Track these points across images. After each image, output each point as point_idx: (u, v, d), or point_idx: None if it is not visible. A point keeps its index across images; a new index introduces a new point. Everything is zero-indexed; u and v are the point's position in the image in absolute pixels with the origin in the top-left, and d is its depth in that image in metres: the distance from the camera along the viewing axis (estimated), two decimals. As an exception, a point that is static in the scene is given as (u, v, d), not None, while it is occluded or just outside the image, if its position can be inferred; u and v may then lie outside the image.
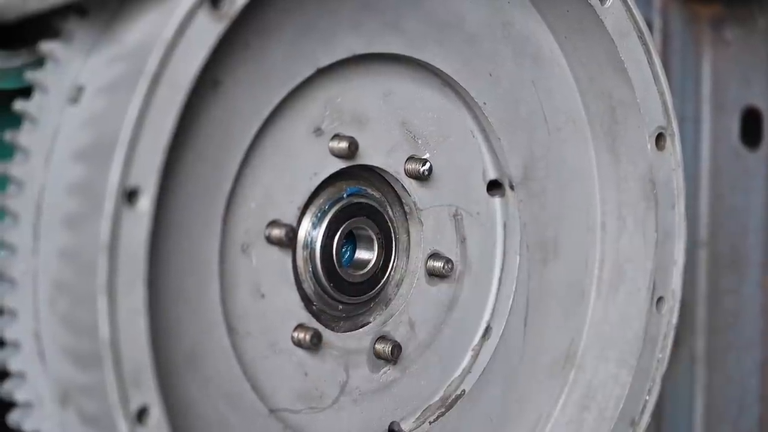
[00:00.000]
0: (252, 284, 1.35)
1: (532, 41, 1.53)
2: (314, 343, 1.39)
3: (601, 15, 1.49)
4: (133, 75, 1.16)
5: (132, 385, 1.16)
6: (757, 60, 2.40)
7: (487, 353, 1.55)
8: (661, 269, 1.58)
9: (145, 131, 1.15)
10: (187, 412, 1.27)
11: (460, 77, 1.47)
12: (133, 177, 1.15)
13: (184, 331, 1.27)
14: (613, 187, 1.59)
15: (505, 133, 1.52)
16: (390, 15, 1.40)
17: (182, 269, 1.27)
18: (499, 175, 1.55)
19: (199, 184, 1.28)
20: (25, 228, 1.21)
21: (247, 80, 1.29)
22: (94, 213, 1.14)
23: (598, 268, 1.61)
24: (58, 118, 1.22)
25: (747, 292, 2.42)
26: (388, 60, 1.43)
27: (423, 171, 1.47)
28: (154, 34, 1.17)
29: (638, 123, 1.55)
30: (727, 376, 2.43)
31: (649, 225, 1.57)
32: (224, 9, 1.20)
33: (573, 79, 1.57)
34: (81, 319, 1.16)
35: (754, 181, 2.41)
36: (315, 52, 1.35)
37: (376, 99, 1.43)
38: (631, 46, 1.52)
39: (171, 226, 1.25)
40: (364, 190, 1.46)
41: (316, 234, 1.41)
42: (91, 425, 1.18)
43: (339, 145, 1.40)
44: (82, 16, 1.24)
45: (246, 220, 1.34)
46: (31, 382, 1.22)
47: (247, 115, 1.31)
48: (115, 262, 1.14)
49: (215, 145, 1.28)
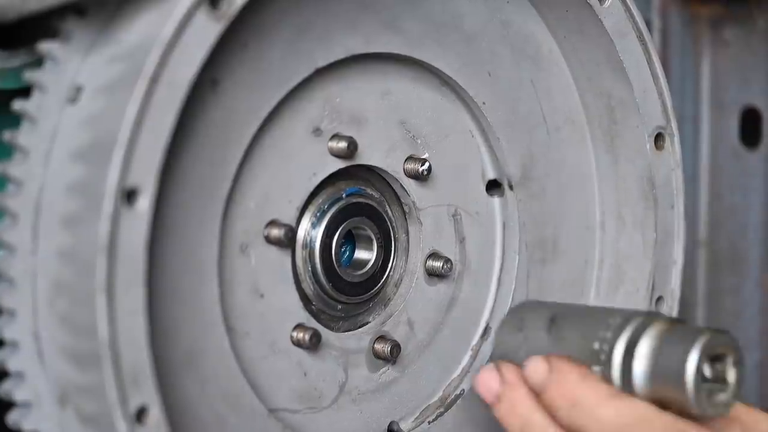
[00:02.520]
0: (251, 284, 1.35)
1: (531, 41, 1.53)
2: (313, 343, 1.39)
3: (600, 15, 1.49)
4: (131, 75, 1.16)
5: (131, 385, 1.16)
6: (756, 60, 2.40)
7: (487, 353, 1.55)
8: (661, 269, 1.58)
9: (144, 131, 1.15)
10: (186, 411, 1.27)
11: (458, 77, 1.47)
12: (132, 177, 1.15)
13: (183, 331, 1.27)
14: (612, 187, 1.59)
15: (504, 133, 1.52)
16: (388, 14, 1.40)
17: (181, 269, 1.27)
18: (498, 175, 1.55)
19: (198, 184, 1.28)
20: (24, 228, 1.21)
21: (245, 80, 1.29)
22: (93, 213, 1.14)
23: (598, 268, 1.61)
24: (57, 117, 1.22)
25: (746, 292, 2.42)
26: (387, 60, 1.43)
27: (422, 171, 1.47)
28: (153, 34, 1.17)
29: (637, 123, 1.55)
30: (727, 375, 2.43)
31: (648, 225, 1.57)
32: (223, 9, 1.20)
33: (572, 78, 1.57)
34: (80, 319, 1.16)
35: (754, 180, 2.41)
36: (313, 52, 1.35)
37: (374, 99, 1.43)
38: (630, 46, 1.52)
39: (170, 226, 1.25)
40: (363, 190, 1.46)
41: (315, 234, 1.41)
42: (90, 425, 1.18)
43: (338, 145, 1.40)
44: (80, 16, 1.23)
45: (245, 219, 1.34)
46: (30, 381, 1.22)
47: (246, 115, 1.31)
48: (114, 262, 1.14)
49: (214, 145, 1.28)
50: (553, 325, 1.34)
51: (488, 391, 1.32)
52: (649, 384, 1.25)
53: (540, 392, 1.28)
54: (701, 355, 1.22)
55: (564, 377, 1.27)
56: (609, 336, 1.28)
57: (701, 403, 1.23)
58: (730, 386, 1.25)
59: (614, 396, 1.25)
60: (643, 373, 1.25)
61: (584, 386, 1.26)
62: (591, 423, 1.24)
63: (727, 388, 1.25)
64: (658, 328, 1.26)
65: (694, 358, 1.22)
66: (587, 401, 1.25)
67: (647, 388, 1.26)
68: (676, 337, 1.25)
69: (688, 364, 1.22)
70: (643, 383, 1.26)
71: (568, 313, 1.36)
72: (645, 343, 1.26)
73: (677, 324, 1.28)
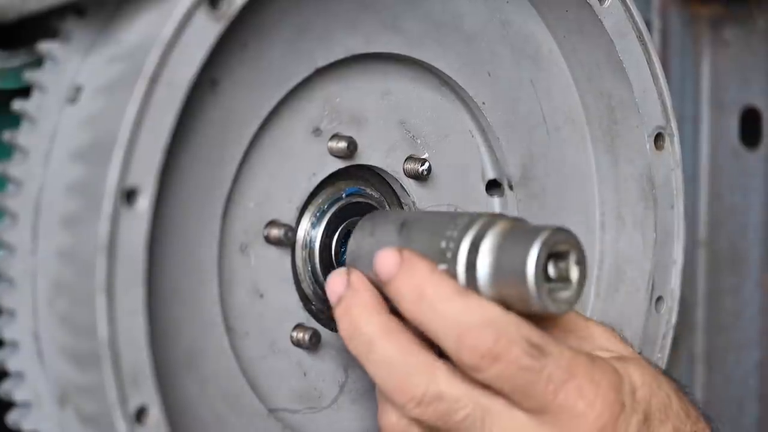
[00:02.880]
0: (251, 284, 1.35)
1: (530, 41, 1.53)
2: (313, 343, 1.39)
3: (600, 15, 1.49)
4: (131, 75, 1.16)
5: (130, 385, 1.16)
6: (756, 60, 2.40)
7: (486, 353, 1.55)
8: (660, 269, 1.58)
9: (144, 131, 1.15)
10: (186, 411, 1.27)
11: (458, 77, 1.47)
12: (132, 177, 1.15)
13: (183, 330, 1.27)
14: (612, 187, 1.59)
15: (503, 133, 1.52)
16: (388, 14, 1.40)
17: (181, 269, 1.27)
18: (498, 175, 1.55)
19: (198, 184, 1.28)
20: (23, 228, 1.21)
21: (245, 80, 1.29)
22: (93, 213, 1.14)
23: (597, 268, 1.61)
24: (57, 118, 1.22)
25: (746, 292, 2.42)
26: (387, 60, 1.43)
27: (422, 171, 1.47)
28: (153, 34, 1.17)
29: (637, 123, 1.55)
30: (727, 375, 2.43)
31: (648, 225, 1.57)
32: (223, 9, 1.20)
33: (572, 78, 1.57)
34: (80, 319, 1.16)
35: (754, 180, 2.41)
36: (313, 51, 1.35)
37: (374, 99, 1.43)
38: (630, 46, 1.52)
39: (170, 226, 1.25)
40: (363, 189, 1.46)
41: (315, 234, 1.41)
42: (89, 425, 1.18)
43: (338, 145, 1.40)
44: (80, 16, 1.23)
45: (245, 220, 1.34)
46: (30, 381, 1.22)
47: (246, 115, 1.31)
48: (114, 262, 1.14)
49: (214, 145, 1.28)
50: (403, 228, 1.34)
51: (333, 293, 1.33)
52: (493, 281, 1.25)
53: (387, 282, 1.28)
54: (542, 248, 1.22)
55: (413, 269, 1.26)
56: (455, 234, 1.28)
57: (543, 298, 1.23)
58: (573, 284, 1.26)
59: (461, 293, 1.25)
60: (486, 271, 1.25)
61: (432, 280, 1.25)
62: (435, 318, 1.24)
63: (570, 286, 1.26)
64: (502, 227, 1.26)
65: (534, 253, 1.22)
66: (433, 295, 1.25)
67: (491, 285, 1.25)
68: (519, 235, 1.25)
69: (529, 259, 1.22)
70: (486, 280, 1.25)
71: (419, 217, 1.37)
72: (488, 240, 1.26)
73: (521, 222, 1.28)
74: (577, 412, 1.24)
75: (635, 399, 1.27)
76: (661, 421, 1.29)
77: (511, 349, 1.22)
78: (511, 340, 1.22)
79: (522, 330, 1.23)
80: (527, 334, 1.23)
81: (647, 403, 1.28)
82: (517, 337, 1.22)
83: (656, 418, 1.29)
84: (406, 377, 1.26)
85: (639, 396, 1.28)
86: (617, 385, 1.26)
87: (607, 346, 1.35)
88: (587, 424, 1.24)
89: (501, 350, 1.22)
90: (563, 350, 1.25)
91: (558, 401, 1.23)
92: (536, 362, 1.23)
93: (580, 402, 1.24)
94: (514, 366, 1.22)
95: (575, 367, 1.24)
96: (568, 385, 1.24)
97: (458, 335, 1.23)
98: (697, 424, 1.32)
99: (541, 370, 1.23)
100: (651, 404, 1.28)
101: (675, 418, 1.30)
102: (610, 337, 1.36)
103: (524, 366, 1.22)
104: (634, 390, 1.28)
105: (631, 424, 1.26)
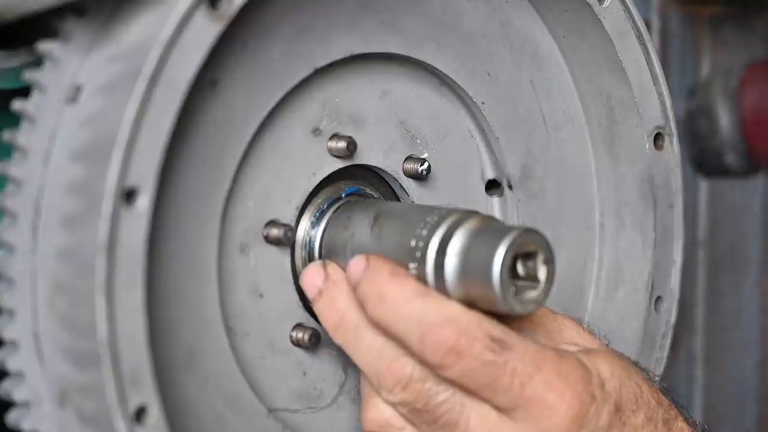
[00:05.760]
0: (250, 284, 1.35)
1: (530, 41, 1.53)
2: (313, 343, 1.39)
3: (600, 15, 1.49)
4: (131, 75, 1.16)
5: (130, 385, 1.16)
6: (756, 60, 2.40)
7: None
8: (660, 269, 1.58)
9: (143, 131, 1.15)
10: (186, 411, 1.27)
11: (458, 76, 1.47)
12: (132, 177, 1.15)
13: (183, 330, 1.28)
14: (612, 187, 1.59)
15: (503, 133, 1.52)
16: (387, 14, 1.40)
17: (180, 269, 1.27)
18: (498, 175, 1.55)
19: (198, 184, 1.28)
20: (23, 227, 1.22)
21: (245, 80, 1.30)
22: (93, 213, 1.14)
23: (597, 268, 1.61)
24: (57, 117, 1.22)
25: (746, 292, 2.42)
26: (386, 59, 1.43)
27: (421, 170, 1.47)
28: (152, 34, 1.17)
29: (637, 123, 1.55)
30: (726, 375, 2.43)
31: (647, 224, 1.57)
32: (222, 9, 1.20)
33: (571, 78, 1.57)
34: (79, 319, 1.16)
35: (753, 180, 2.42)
36: (313, 52, 1.35)
37: (373, 99, 1.43)
38: (630, 46, 1.52)
39: (169, 225, 1.25)
40: (362, 189, 1.46)
41: (315, 233, 1.41)
42: (89, 425, 1.18)
43: (337, 145, 1.40)
44: (79, 16, 1.24)
45: (244, 219, 1.34)
46: (30, 381, 1.23)
47: (246, 115, 1.31)
48: (114, 262, 1.14)
49: (213, 145, 1.28)
50: (375, 223, 1.34)
51: (311, 286, 1.33)
52: (460, 281, 1.25)
53: (355, 288, 1.29)
54: (508, 251, 1.22)
55: (375, 273, 1.27)
56: (425, 233, 1.28)
57: (508, 299, 1.23)
58: (541, 284, 1.25)
59: (421, 293, 1.25)
60: (453, 270, 1.25)
61: (392, 282, 1.26)
62: (398, 319, 1.25)
63: (538, 286, 1.25)
64: (470, 226, 1.26)
65: (500, 254, 1.22)
66: (393, 297, 1.26)
67: (458, 285, 1.25)
68: (486, 234, 1.25)
69: (495, 260, 1.22)
70: (454, 280, 1.25)
71: (392, 211, 1.36)
72: (457, 239, 1.25)
73: (490, 221, 1.28)
74: (547, 405, 1.24)
75: (605, 390, 1.28)
76: (633, 411, 1.30)
77: (473, 345, 1.23)
78: (473, 336, 1.23)
79: (484, 326, 1.24)
80: (489, 329, 1.24)
81: (618, 394, 1.29)
82: (478, 333, 1.23)
83: (628, 408, 1.29)
84: (394, 358, 1.27)
85: (608, 387, 1.29)
86: (585, 377, 1.27)
87: (576, 339, 1.35)
88: (559, 416, 1.25)
89: (463, 346, 1.23)
90: (528, 344, 1.26)
91: (526, 395, 1.24)
92: (499, 357, 1.23)
93: (549, 395, 1.25)
94: (477, 362, 1.23)
95: (541, 361, 1.25)
96: (535, 379, 1.24)
97: (421, 334, 1.24)
98: (669, 412, 1.33)
99: (504, 364, 1.23)
100: (621, 395, 1.29)
101: (646, 407, 1.31)
102: (579, 331, 1.37)
103: (487, 361, 1.23)
104: (603, 382, 1.29)
105: (602, 415, 1.27)
